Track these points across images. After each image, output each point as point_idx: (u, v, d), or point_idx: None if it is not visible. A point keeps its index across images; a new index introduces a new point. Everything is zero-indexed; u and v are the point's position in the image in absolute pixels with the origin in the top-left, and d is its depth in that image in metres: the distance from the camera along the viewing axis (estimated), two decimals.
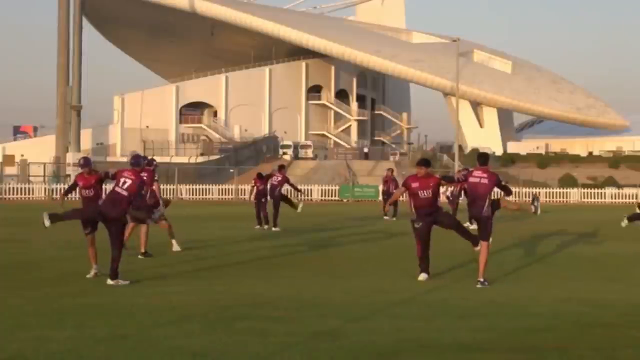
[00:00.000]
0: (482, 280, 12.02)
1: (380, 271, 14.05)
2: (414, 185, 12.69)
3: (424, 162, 13.27)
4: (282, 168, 25.72)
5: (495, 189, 12.60)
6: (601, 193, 55.90)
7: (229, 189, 52.77)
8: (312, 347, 7.87)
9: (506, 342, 8.21)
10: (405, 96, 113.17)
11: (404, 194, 13.75)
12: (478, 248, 12.36)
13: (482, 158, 13.01)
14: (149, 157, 13.91)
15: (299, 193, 30.45)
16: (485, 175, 12.36)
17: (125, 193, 12.19)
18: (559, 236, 21.57)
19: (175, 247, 16.79)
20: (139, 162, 12.90)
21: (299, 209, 24.55)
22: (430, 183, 12.55)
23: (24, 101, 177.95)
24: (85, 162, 13.60)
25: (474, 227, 13.61)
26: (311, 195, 51.51)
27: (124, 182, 12.24)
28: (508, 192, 13.19)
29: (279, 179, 24.52)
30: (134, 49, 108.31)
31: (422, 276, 12.53)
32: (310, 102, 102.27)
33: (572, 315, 9.74)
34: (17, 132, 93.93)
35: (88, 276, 12.62)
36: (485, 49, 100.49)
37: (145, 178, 13.75)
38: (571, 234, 22.34)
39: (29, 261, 15.15)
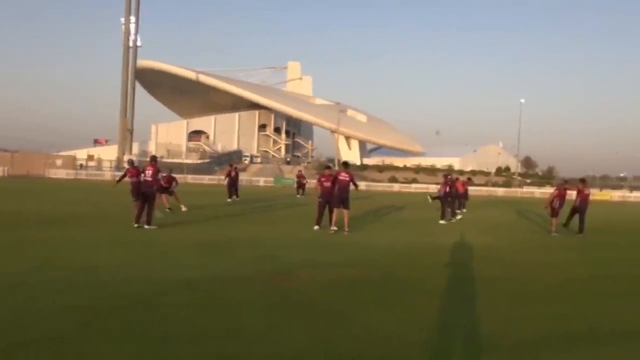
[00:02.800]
0: (347, 230, 12.17)
1: (294, 223, 14.02)
2: (322, 179, 12.90)
3: (328, 167, 13.79)
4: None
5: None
6: (410, 186, 57.38)
7: (214, 178, 52.17)
8: (260, 263, 7.93)
9: (357, 261, 8.39)
10: (310, 131, 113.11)
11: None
12: (332, 228, 12.25)
13: (345, 164, 13.32)
14: (158, 157, 13.40)
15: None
16: (347, 175, 12.58)
17: (150, 178, 11.97)
18: (387, 208, 22.02)
19: (184, 208, 16.47)
20: (154, 159, 12.67)
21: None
22: (330, 179, 12.77)
23: (100, 124, 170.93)
24: (130, 162, 14.01)
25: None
26: (259, 183, 51.56)
27: (148, 172, 12.03)
28: (356, 185, 12.90)
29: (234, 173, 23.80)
30: (163, 99, 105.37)
31: (316, 227, 12.65)
32: (260, 133, 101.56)
33: (397, 249, 9.96)
34: (96, 142, 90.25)
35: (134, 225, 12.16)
36: (353, 107, 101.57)
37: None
38: (393, 208, 22.81)
39: (104, 215, 14.61)
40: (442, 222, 15.98)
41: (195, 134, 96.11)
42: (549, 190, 40.76)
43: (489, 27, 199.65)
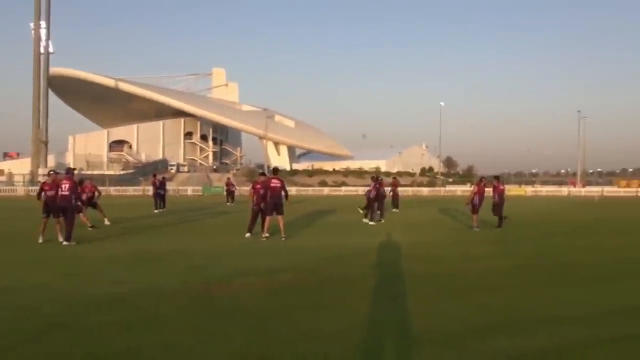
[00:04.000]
0: (284, 236, 12.04)
1: (226, 232, 13.78)
2: (258, 186, 12.68)
3: (263, 174, 13.54)
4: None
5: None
6: (340, 190, 58.09)
7: (139, 189, 50.30)
8: (191, 274, 7.74)
9: (292, 266, 8.39)
10: (239, 138, 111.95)
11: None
12: (265, 235, 12.11)
13: (275, 170, 13.10)
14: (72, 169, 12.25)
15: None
16: (278, 181, 12.41)
17: (67, 193, 11.28)
18: (318, 212, 22.17)
19: (107, 222, 15.73)
20: (70, 172, 11.82)
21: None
22: (265, 186, 12.41)
23: (10, 136, 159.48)
24: (54, 172, 12.33)
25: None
26: (187, 193, 50.41)
27: (65, 186, 11.31)
28: (287, 196, 12.59)
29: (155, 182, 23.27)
30: (81, 108, 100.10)
31: (248, 235, 12.47)
32: (186, 141, 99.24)
33: (330, 252, 10.06)
34: (6, 156, 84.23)
35: (40, 241, 11.25)
36: (281, 114, 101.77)
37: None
38: (325, 212, 23.00)
39: (20, 232, 13.63)
40: (371, 223, 16.32)
41: (117, 144, 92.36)
42: (470, 189, 42.66)
43: (411, 31, 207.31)
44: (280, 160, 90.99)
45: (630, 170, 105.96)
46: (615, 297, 6.43)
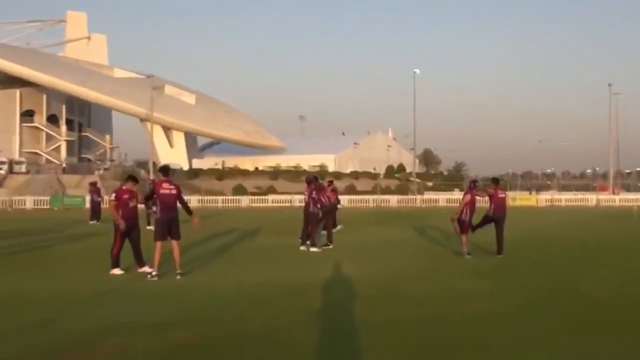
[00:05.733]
0: (179, 272, 11.82)
1: (88, 266, 13.45)
2: (124, 196, 12.60)
3: (132, 178, 13.37)
4: None
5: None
6: (265, 199, 57.70)
7: None
8: (33, 333, 7.57)
9: (192, 317, 8.35)
10: (108, 120, 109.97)
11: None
12: (144, 270, 12.22)
13: (165, 170, 12.87)
14: None
15: None
16: (172, 186, 12.18)
17: None
18: (234, 234, 22.06)
19: None
20: None
21: None
22: (135, 195, 12.76)
23: None
24: None
25: (151, 227, 13.45)
26: (25, 205, 48.81)
27: None
28: (186, 207, 12.36)
29: None
30: None
31: (116, 271, 12.26)
32: (24, 124, 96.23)
33: (251, 293, 10.19)
34: None
35: None
36: (175, 84, 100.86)
37: None
38: (243, 232, 22.89)
39: None
40: (314, 249, 16.40)
41: None
42: (459, 197, 43.63)
43: None
44: (173, 153, 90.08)
45: None
46: None
